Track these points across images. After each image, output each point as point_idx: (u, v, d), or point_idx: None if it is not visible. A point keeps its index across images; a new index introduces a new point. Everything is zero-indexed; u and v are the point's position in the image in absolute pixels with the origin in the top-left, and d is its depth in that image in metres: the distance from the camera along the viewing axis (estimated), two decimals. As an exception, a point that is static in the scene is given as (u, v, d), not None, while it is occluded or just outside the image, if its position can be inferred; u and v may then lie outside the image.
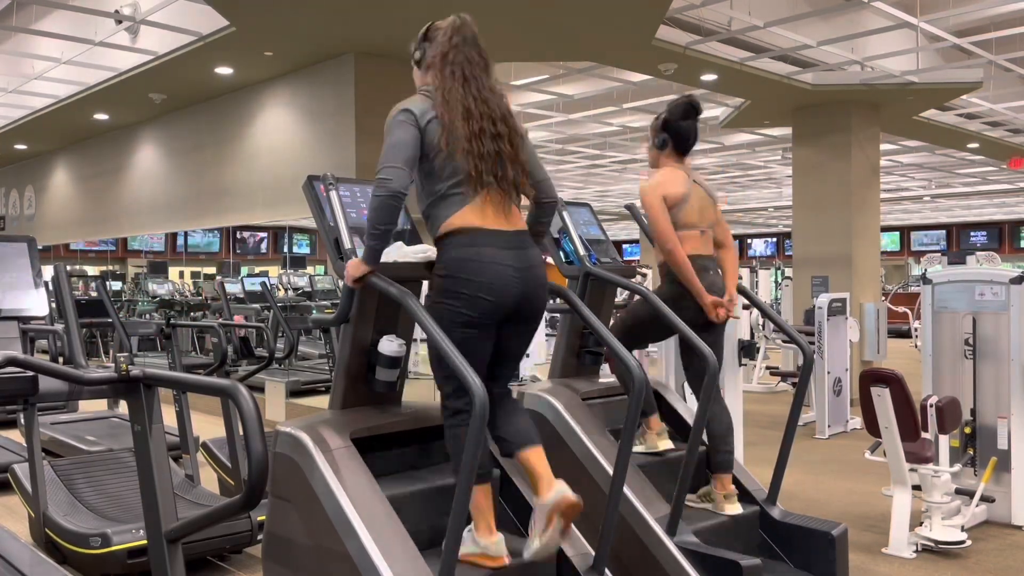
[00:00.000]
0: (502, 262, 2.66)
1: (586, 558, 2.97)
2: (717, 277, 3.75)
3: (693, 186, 3.73)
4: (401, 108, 2.73)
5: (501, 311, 2.69)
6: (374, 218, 2.64)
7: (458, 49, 2.74)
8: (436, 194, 2.74)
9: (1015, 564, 4.39)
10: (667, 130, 3.75)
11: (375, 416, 3.06)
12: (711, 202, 3.81)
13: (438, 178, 2.72)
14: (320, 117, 8.36)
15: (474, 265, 2.65)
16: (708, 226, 3.77)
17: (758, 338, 10.63)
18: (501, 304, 2.68)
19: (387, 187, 2.60)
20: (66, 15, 8.78)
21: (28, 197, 14.50)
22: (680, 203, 3.66)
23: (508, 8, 6.79)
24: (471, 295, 2.64)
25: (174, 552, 2.15)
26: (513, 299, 2.69)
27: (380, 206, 2.61)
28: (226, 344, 5.27)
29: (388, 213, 2.62)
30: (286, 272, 16.05)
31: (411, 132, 2.67)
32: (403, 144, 2.66)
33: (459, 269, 2.66)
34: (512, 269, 2.68)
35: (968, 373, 5.21)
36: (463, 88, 2.70)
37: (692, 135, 3.76)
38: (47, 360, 4.05)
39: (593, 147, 14.64)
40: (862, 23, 8.68)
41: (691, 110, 3.73)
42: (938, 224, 29.18)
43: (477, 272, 2.65)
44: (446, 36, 2.77)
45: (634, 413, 2.86)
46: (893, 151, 14.71)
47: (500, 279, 2.66)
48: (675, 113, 3.74)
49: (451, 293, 2.67)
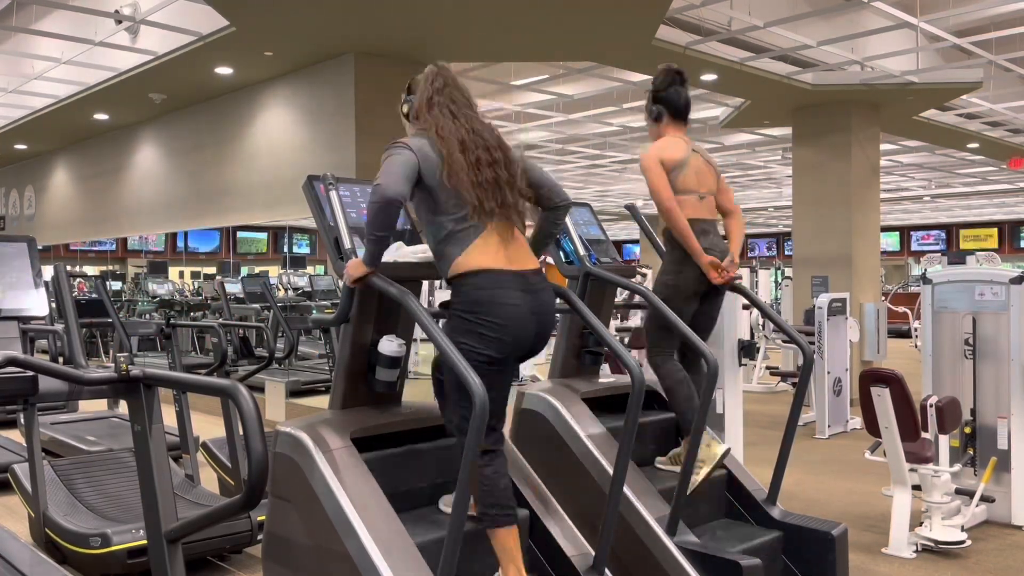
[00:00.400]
0: (519, 304, 2.68)
1: (586, 558, 2.97)
2: (718, 239, 3.78)
3: (692, 153, 3.75)
4: (394, 141, 2.77)
5: (519, 351, 2.74)
6: (370, 224, 2.66)
7: (440, 92, 2.82)
8: (444, 231, 2.75)
9: (1015, 564, 4.39)
10: (659, 101, 3.80)
11: (375, 416, 3.06)
12: (711, 169, 3.83)
13: (443, 213, 2.74)
14: (320, 117, 8.35)
15: (493, 308, 2.66)
16: (708, 192, 3.79)
17: (758, 338, 10.63)
18: (520, 345, 2.72)
19: (383, 193, 2.61)
20: (66, 15, 8.77)
21: (28, 197, 14.50)
22: (678, 168, 3.69)
23: (508, 8, 6.79)
24: (492, 336, 2.66)
25: (174, 552, 2.15)
26: (530, 340, 2.74)
27: (375, 212, 2.63)
28: (226, 344, 5.27)
29: (383, 219, 2.62)
30: (286, 272, 16.06)
31: (408, 155, 2.70)
32: (400, 162, 2.68)
33: (477, 311, 2.67)
34: (528, 312, 2.70)
35: (968, 373, 5.21)
36: (454, 123, 2.76)
37: (682, 99, 3.80)
38: (47, 360, 4.05)
39: (593, 147, 14.64)
40: (862, 23, 8.68)
41: (675, 76, 3.79)
42: (938, 224, 29.19)
43: (496, 315, 2.66)
44: (427, 83, 2.86)
45: (634, 413, 2.86)
46: (893, 151, 14.71)
47: (518, 322, 2.68)
48: (661, 83, 3.81)
49: (472, 334, 2.66)
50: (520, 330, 2.69)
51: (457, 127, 2.75)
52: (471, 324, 2.67)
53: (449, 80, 2.85)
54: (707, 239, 3.71)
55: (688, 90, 3.84)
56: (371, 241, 2.68)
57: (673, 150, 3.71)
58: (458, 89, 2.85)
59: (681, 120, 3.82)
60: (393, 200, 2.61)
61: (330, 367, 9.31)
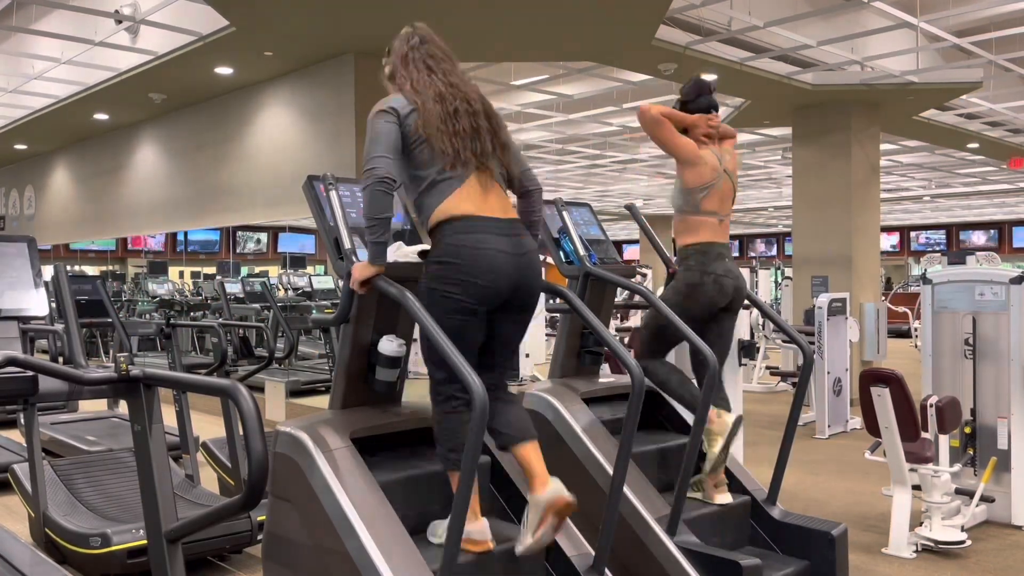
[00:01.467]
0: (497, 248, 2.68)
1: (586, 558, 2.97)
2: (732, 264, 3.77)
3: (722, 175, 3.74)
4: (379, 105, 2.80)
5: (496, 297, 2.71)
6: (369, 209, 2.66)
7: (416, 48, 2.85)
8: (423, 182, 2.76)
9: (1015, 564, 4.39)
10: (685, 111, 3.79)
11: (375, 416, 3.06)
12: (732, 192, 3.82)
13: (422, 166, 2.75)
14: (320, 117, 8.35)
15: (469, 251, 2.66)
16: (726, 215, 3.78)
17: (758, 338, 10.62)
18: (496, 289, 2.69)
19: (374, 175, 2.65)
20: (66, 15, 8.78)
21: (28, 197, 14.50)
22: (707, 189, 3.67)
23: (508, 8, 6.79)
24: (466, 280, 2.66)
25: (174, 552, 2.15)
26: (508, 285, 2.71)
27: (372, 194, 2.65)
28: (226, 344, 5.27)
29: (381, 200, 2.64)
30: (286, 272, 16.06)
31: (390, 123, 2.73)
32: (383, 134, 2.72)
33: (454, 255, 2.67)
34: (506, 255, 2.69)
35: (968, 373, 5.21)
36: (429, 77, 2.79)
37: (711, 109, 3.79)
38: (47, 360, 4.05)
39: (593, 147, 14.64)
40: (862, 23, 8.68)
41: (702, 86, 3.78)
42: (938, 224, 29.19)
43: (472, 258, 2.66)
44: (402, 41, 2.89)
45: (634, 413, 2.86)
46: (893, 151, 14.71)
47: (495, 265, 2.67)
48: (689, 94, 3.80)
49: (446, 279, 2.68)
50: (497, 273, 2.67)
51: (433, 80, 2.78)
52: (447, 268, 2.67)
53: (425, 37, 2.88)
54: (722, 264, 3.69)
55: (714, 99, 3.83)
56: (372, 229, 2.67)
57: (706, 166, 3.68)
58: (435, 45, 2.87)
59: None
60: (383, 178, 2.64)
61: (330, 367, 9.31)
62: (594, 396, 3.86)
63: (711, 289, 3.65)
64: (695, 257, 3.69)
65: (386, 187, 2.65)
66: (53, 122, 11.41)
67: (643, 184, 19.32)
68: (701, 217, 3.67)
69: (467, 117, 2.75)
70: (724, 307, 3.72)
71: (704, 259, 3.67)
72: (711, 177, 3.68)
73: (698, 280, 3.65)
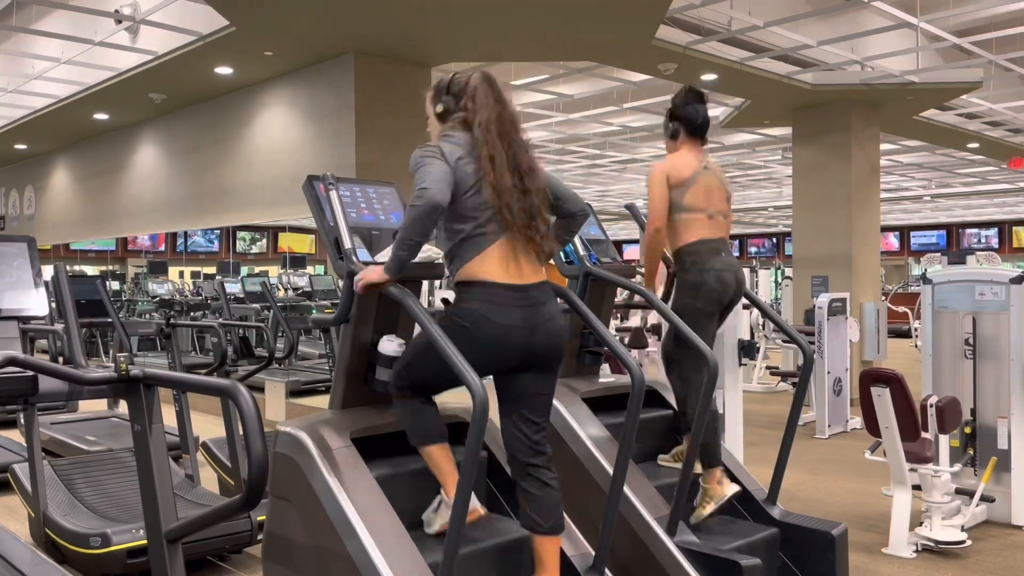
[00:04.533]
0: (512, 323, 2.70)
1: (586, 558, 2.97)
2: (731, 258, 3.75)
3: (704, 171, 3.73)
4: (427, 145, 2.76)
5: (505, 364, 2.76)
6: (410, 229, 2.62)
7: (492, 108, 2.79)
8: (460, 234, 2.76)
9: (1015, 564, 4.39)
10: (675, 118, 3.79)
11: (375, 416, 3.06)
12: (723, 188, 3.80)
13: (462, 218, 2.74)
14: (320, 117, 8.35)
15: (483, 322, 2.69)
16: (718, 211, 3.75)
17: (758, 338, 10.62)
18: (505, 360, 2.74)
19: (426, 197, 2.59)
20: (66, 15, 8.77)
21: (28, 197, 14.50)
22: (684, 185, 3.66)
23: (508, 8, 6.79)
24: (476, 347, 2.66)
25: (174, 552, 2.15)
26: (518, 357, 2.75)
27: (418, 215, 2.60)
28: (226, 344, 5.27)
29: (424, 224, 2.61)
30: (286, 272, 16.06)
31: (444, 164, 2.68)
32: (439, 169, 2.66)
33: (470, 320, 2.70)
34: (519, 330, 2.71)
35: (968, 373, 5.21)
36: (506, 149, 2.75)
37: (700, 117, 3.79)
38: (47, 360, 4.04)
39: (593, 147, 14.64)
40: (862, 23, 8.68)
41: (694, 95, 3.79)
42: (938, 224, 29.19)
43: (486, 330, 2.69)
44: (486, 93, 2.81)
45: (634, 413, 2.86)
46: (893, 151, 14.71)
47: (506, 340, 2.71)
48: (679, 100, 3.81)
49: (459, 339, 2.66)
50: (507, 349, 2.71)
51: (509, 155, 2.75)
52: (464, 331, 2.68)
53: (499, 96, 2.83)
54: (720, 259, 3.68)
55: (707, 109, 3.83)
56: (404, 247, 2.65)
57: (682, 167, 3.69)
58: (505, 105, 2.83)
59: (698, 137, 3.80)
60: (439, 205, 2.61)
61: (330, 367, 9.31)
62: (594, 396, 3.86)
63: (715, 285, 3.64)
64: (689, 258, 3.68)
65: (435, 213, 2.61)
66: (53, 122, 11.40)
67: (643, 184, 19.29)
68: (686, 215, 3.66)
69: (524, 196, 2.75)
70: (732, 295, 3.73)
71: (698, 258, 3.66)
72: (689, 174, 3.68)
73: (699, 279, 3.65)
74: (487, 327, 2.68)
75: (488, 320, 2.69)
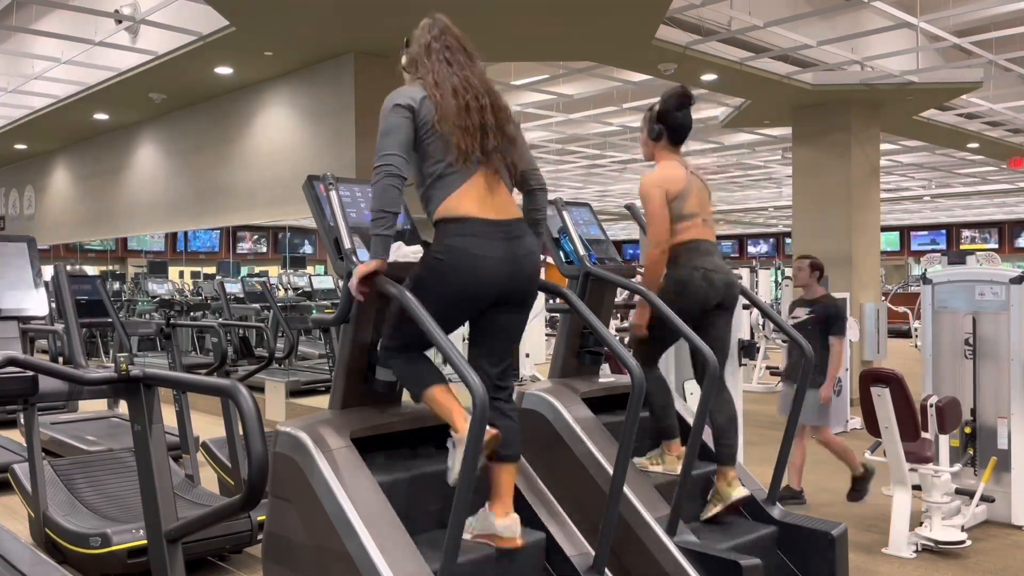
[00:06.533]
0: (490, 254, 2.73)
1: (586, 558, 2.97)
2: (721, 260, 3.75)
3: (690, 177, 3.73)
4: (394, 95, 2.82)
5: (483, 300, 2.78)
6: (378, 201, 2.68)
7: (436, 39, 2.93)
8: (432, 176, 2.80)
9: (1015, 564, 4.39)
10: (662, 121, 3.73)
11: (375, 416, 3.06)
12: (706, 189, 3.81)
13: (432, 159, 2.78)
14: (320, 117, 8.35)
15: (462, 255, 2.72)
16: (708, 214, 3.77)
17: (758, 338, 10.63)
18: (484, 294, 2.76)
19: (386, 170, 2.68)
20: (66, 15, 8.77)
21: (28, 197, 14.50)
22: (681, 196, 3.66)
23: (509, 8, 6.79)
24: (455, 281, 2.72)
25: (174, 552, 2.15)
26: (496, 291, 2.77)
27: (382, 188, 2.67)
28: (226, 344, 5.27)
29: (391, 195, 2.67)
30: (286, 272, 16.06)
31: (405, 118, 2.75)
32: (396, 129, 2.74)
33: (448, 255, 2.73)
34: (498, 261, 2.74)
35: (968, 373, 5.21)
36: (448, 69, 2.84)
37: (687, 124, 3.76)
38: (47, 360, 4.05)
39: (593, 147, 14.64)
40: (862, 23, 8.68)
41: (685, 99, 3.72)
42: (938, 224, 29.19)
43: (464, 263, 2.71)
44: (423, 31, 2.97)
45: (634, 413, 2.86)
46: (893, 151, 14.71)
47: (486, 271, 2.73)
48: (669, 103, 3.71)
49: (437, 275, 2.73)
50: (486, 282, 2.74)
51: (450, 73, 2.83)
52: (441, 267, 2.72)
53: (444, 27, 2.95)
54: (711, 259, 3.68)
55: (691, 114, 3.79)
56: (378, 222, 2.69)
57: (674, 179, 3.67)
58: (452, 35, 2.94)
59: (678, 144, 3.78)
60: (393, 173, 2.68)
61: (330, 367, 9.31)
62: (594, 396, 3.86)
63: (701, 284, 3.63)
64: (683, 255, 3.68)
65: (396, 181, 2.68)
66: (53, 122, 11.40)
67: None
68: (684, 223, 3.66)
69: (476, 113, 2.79)
70: (718, 304, 3.69)
71: (691, 255, 3.66)
72: (683, 184, 3.68)
73: (687, 277, 3.64)
74: (465, 259, 2.71)
75: (467, 253, 2.71)
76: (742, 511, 3.74)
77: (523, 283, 2.83)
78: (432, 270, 2.76)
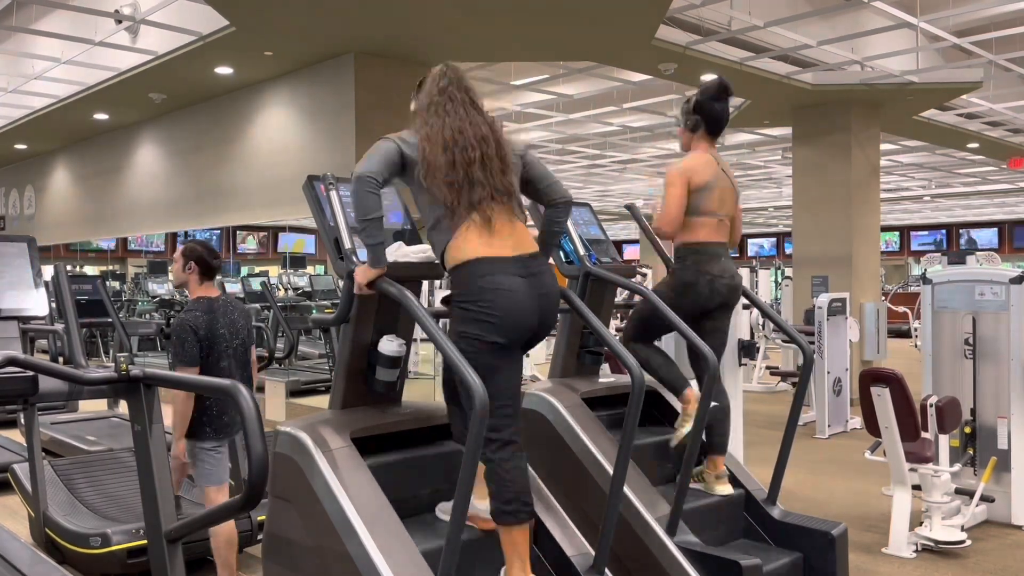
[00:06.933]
0: (517, 290, 2.66)
1: (586, 558, 2.97)
2: (729, 263, 3.75)
3: (720, 174, 3.71)
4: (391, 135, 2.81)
5: (525, 332, 2.71)
6: (357, 211, 2.69)
7: (443, 91, 2.82)
8: (433, 219, 2.78)
9: (1015, 564, 4.39)
10: (699, 112, 3.72)
11: (375, 416, 3.06)
12: (733, 192, 3.78)
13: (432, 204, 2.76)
14: (320, 117, 8.35)
15: (492, 293, 2.64)
16: (726, 215, 3.74)
17: (758, 338, 10.61)
18: (522, 329, 2.69)
19: (357, 181, 2.67)
20: (66, 15, 8.77)
21: (28, 197, 14.50)
22: (703, 189, 3.65)
23: (508, 8, 6.79)
24: (493, 323, 2.64)
25: (174, 552, 2.15)
26: (533, 324, 2.72)
27: (356, 195, 2.68)
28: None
29: (366, 199, 2.66)
30: (286, 272, 16.06)
31: (390, 146, 2.75)
32: (379, 149, 2.75)
33: (478, 296, 2.65)
34: (529, 298, 2.69)
35: (968, 373, 5.21)
36: (443, 124, 2.76)
37: (724, 117, 3.74)
38: (47, 360, 4.04)
39: (593, 147, 14.64)
40: (862, 23, 8.68)
41: (723, 91, 3.70)
42: (938, 224, 29.18)
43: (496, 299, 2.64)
44: (433, 83, 2.86)
45: (634, 413, 2.86)
46: (893, 151, 14.71)
47: (520, 305, 2.66)
48: (707, 93, 3.70)
49: (474, 321, 2.65)
50: (521, 314, 2.67)
51: (444, 127, 2.76)
52: (472, 312, 2.65)
53: (453, 79, 2.85)
54: (718, 264, 3.68)
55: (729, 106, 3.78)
56: (364, 231, 2.69)
57: (703, 172, 3.65)
58: (459, 88, 2.84)
59: (715, 136, 3.77)
60: (363, 176, 2.66)
61: (330, 367, 9.31)
62: (594, 396, 3.86)
63: (704, 290, 3.65)
64: (692, 257, 3.68)
65: (368, 186, 2.65)
66: (53, 122, 11.40)
67: (643, 184, 19.32)
68: (699, 218, 3.66)
69: (463, 167, 2.71)
70: (719, 304, 3.72)
71: (700, 259, 3.67)
72: (709, 178, 3.67)
73: (693, 280, 3.65)
74: (497, 296, 2.63)
75: (496, 290, 2.64)
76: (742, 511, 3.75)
77: (549, 320, 2.77)
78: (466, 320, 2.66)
